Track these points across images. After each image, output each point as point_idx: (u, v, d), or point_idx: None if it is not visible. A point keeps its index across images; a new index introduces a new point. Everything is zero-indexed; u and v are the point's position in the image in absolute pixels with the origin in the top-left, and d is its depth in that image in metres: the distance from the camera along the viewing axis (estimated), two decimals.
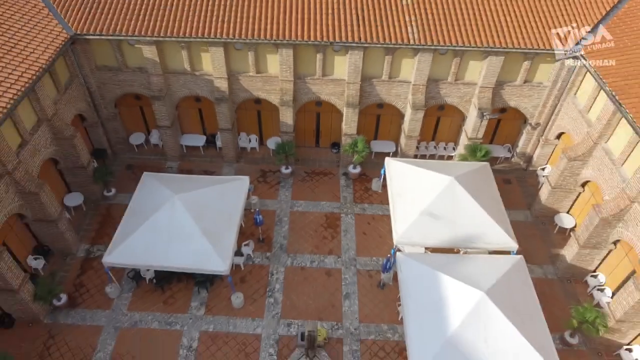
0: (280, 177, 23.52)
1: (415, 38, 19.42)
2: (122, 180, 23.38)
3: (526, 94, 21.50)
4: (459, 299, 15.22)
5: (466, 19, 19.85)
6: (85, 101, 22.28)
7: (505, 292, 15.55)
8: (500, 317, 14.63)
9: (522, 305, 15.76)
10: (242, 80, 21.73)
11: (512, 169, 24.18)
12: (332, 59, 20.90)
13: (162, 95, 21.75)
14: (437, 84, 21.35)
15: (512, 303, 15.38)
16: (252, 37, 19.44)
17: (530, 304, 15.99)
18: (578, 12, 20.18)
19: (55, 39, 19.42)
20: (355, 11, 19.97)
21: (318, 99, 22.26)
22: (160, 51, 20.79)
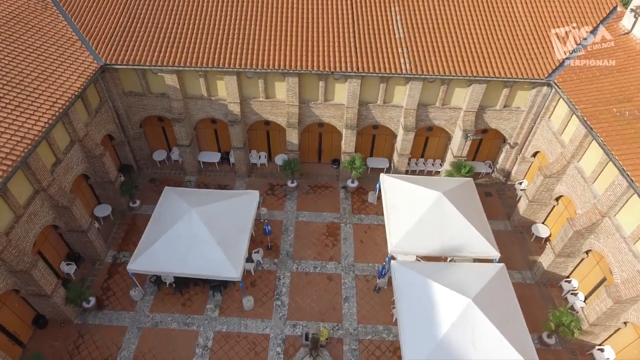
0: (286, 190, 22.98)
1: (407, 68, 18.96)
2: (146, 192, 22.86)
3: (505, 117, 21.01)
4: (448, 304, 14.67)
5: (452, 51, 19.42)
6: (113, 123, 21.80)
7: (490, 298, 15.00)
8: (486, 321, 14.09)
9: (505, 309, 15.19)
10: (253, 104, 21.26)
11: (493, 183, 23.65)
12: (333, 86, 20.43)
13: (182, 118, 21.28)
14: (426, 108, 20.87)
15: (495, 308, 14.82)
16: (262, 67, 18.99)
17: (512, 308, 15.42)
18: (550, 45, 19.76)
19: (86, 68, 18.97)
20: (353, 44, 19.53)
21: (320, 121, 21.78)
22: (180, 79, 20.34)
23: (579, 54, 19.26)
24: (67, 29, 20.38)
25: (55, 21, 20.57)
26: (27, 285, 15.46)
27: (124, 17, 20.49)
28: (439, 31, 20.09)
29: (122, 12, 20.67)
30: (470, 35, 19.97)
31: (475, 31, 20.12)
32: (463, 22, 20.39)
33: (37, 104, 16.48)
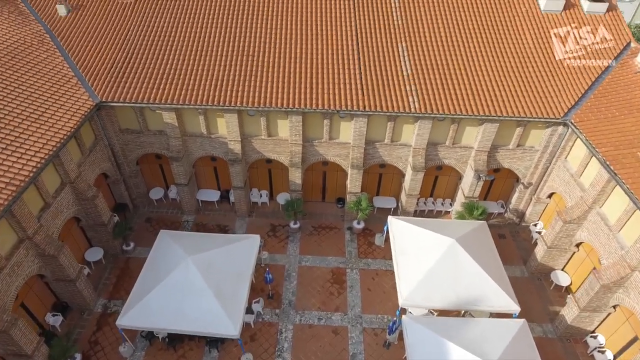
0: (289, 232, 21.80)
1: (416, 107, 18.09)
2: (141, 232, 21.71)
3: (519, 156, 20.03)
4: None
5: (462, 89, 18.60)
6: (109, 161, 20.84)
7: None
8: None
9: None
10: (254, 142, 20.34)
11: (506, 223, 22.47)
12: (338, 125, 19.55)
13: (180, 156, 20.32)
14: (436, 147, 19.92)
15: None
16: (264, 105, 18.15)
17: None
18: (565, 83, 18.96)
19: (81, 106, 18.13)
20: (359, 81, 18.74)
21: (325, 160, 20.81)
22: (179, 116, 19.50)
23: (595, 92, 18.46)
24: (63, 65, 19.68)
25: (51, 57, 19.91)
26: (6, 345, 14.14)
27: (123, 53, 19.82)
28: (448, 68, 19.34)
29: (121, 48, 20.02)
30: (480, 72, 19.21)
31: (486, 68, 19.37)
32: (473, 59, 19.67)
33: (27, 145, 15.56)
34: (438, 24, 20.91)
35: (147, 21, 21.04)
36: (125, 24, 21.00)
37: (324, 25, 20.64)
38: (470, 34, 20.62)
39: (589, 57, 19.89)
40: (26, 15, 21.74)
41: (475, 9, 21.51)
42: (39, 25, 21.33)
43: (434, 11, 21.37)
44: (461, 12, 21.36)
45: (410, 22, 20.96)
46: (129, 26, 20.90)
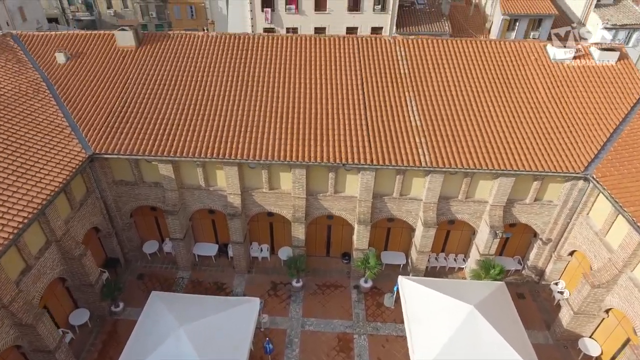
0: (291, 290, 20.25)
1: (426, 161, 17.09)
2: (132, 290, 20.18)
3: (536, 211, 18.83)
4: None
5: (475, 142, 17.67)
6: (100, 214, 19.65)
7: None
8: None
9: None
10: (255, 195, 19.22)
11: (524, 281, 20.94)
12: (344, 178, 18.49)
13: (176, 210, 19.14)
14: (448, 201, 18.77)
15: None
16: (266, 158, 17.17)
17: None
18: (582, 135, 18.06)
19: (73, 159, 17.17)
20: (366, 133, 17.86)
21: (330, 214, 19.60)
22: (175, 168, 18.49)
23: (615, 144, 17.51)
24: (57, 115, 18.93)
25: (45, 106, 19.20)
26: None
27: (120, 102, 19.11)
28: (459, 119, 18.52)
29: (118, 97, 19.34)
30: (493, 123, 18.36)
31: (498, 119, 18.55)
32: (484, 110, 18.90)
33: (10, 203, 14.44)
34: (446, 73, 20.32)
35: (146, 70, 20.50)
36: (124, 72, 20.45)
37: (328, 75, 20.05)
38: (479, 83, 19.98)
39: (604, 107, 19.12)
40: (24, 63, 21.27)
41: (483, 58, 21.02)
42: (36, 73, 20.81)
43: (441, 60, 20.86)
44: (468, 61, 20.84)
45: (416, 71, 20.38)
46: (128, 74, 20.33)
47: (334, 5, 32.25)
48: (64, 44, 22.15)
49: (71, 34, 22.83)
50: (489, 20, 36.24)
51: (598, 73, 20.57)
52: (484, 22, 36.85)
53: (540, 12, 33.85)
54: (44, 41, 22.49)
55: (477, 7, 38.50)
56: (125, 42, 21.75)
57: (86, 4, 55.62)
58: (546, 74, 20.53)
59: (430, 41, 21.68)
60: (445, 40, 21.89)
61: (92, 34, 22.80)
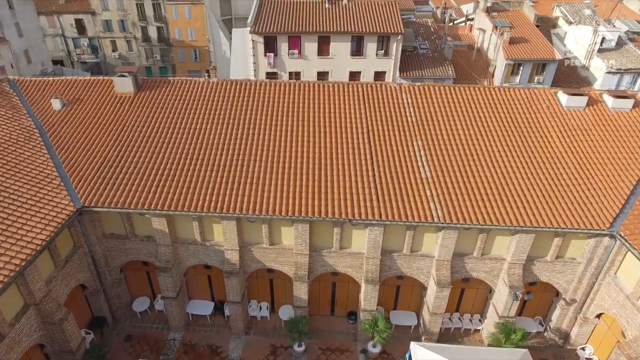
0: (292, 355, 18.45)
1: (438, 216, 15.87)
2: (118, 354, 18.42)
3: (559, 269, 17.40)
4: None
5: (490, 195, 16.52)
6: (88, 270, 18.24)
7: None
8: None
9: None
10: (254, 251, 17.88)
11: (547, 345, 19.14)
12: (350, 233, 17.22)
13: (169, 266, 17.74)
14: (462, 258, 17.40)
15: None
16: (267, 213, 15.97)
17: None
18: (603, 187, 16.93)
19: (60, 212, 15.99)
20: (373, 185, 16.75)
21: (334, 271, 18.17)
22: (170, 222, 17.27)
23: None
24: (47, 164, 17.94)
25: (36, 155, 18.25)
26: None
27: (114, 151, 18.18)
28: (471, 170, 17.48)
29: (113, 145, 18.43)
30: (507, 175, 17.29)
31: (513, 169, 17.51)
32: (498, 159, 17.90)
33: None
34: (455, 121, 19.49)
35: (143, 117, 19.72)
36: (120, 120, 19.65)
37: (332, 124, 19.23)
38: (490, 132, 19.10)
39: (624, 157, 18.12)
40: (18, 110, 20.53)
41: (493, 105, 20.28)
42: (29, 120, 20.02)
43: (449, 108, 20.10)
44: (477, 109, 20.08)
45: (424, 119, 19.57)
46: (125, 122, 19.53)
47: (337, 50, 32.12)
48: (61, 89, 21.53)
49: (69, 80, 22.27)
50: (492, 64, 36.09)
51: (613, 121, 19.74)
52: (487, 66, 36.70)
53: (543, 57, 33.69)
54: (40, 87, 21.88)
55: (479, 52, 38.51)
56: (123, 88, 21.12)
57: (92, 47, 56.33)
58: (559, 122, 19.70)
59: (437, 88, 21.03)
60: (452, 86, 21.24)
61: (90, 79, 22.24)
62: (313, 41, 31.74)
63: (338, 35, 31.42)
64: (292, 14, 32.30)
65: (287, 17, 32.06)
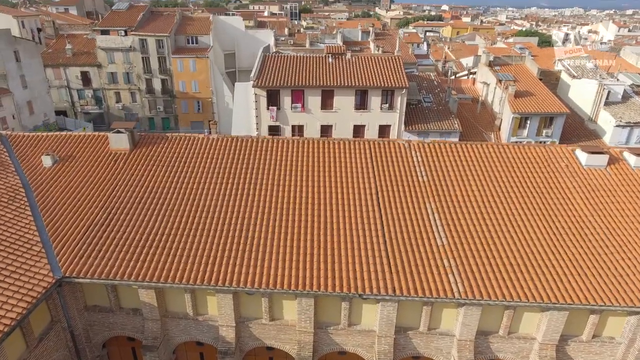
0: None
1: (459, 290, 14.15)
2: None
3: (596, 350, 15.41)
4: None
5: (515, 266, 14.89)
6: (66, 347, 16.22)
7: None
8: None
9: None
10: (252, 327, 15.96)
11: None
12: (360, 308, 15.42)
13: (157, 345, 15.78)
14: (486, 337, 15.44)
15: None
16: (267, 286, 14.30)
17: None
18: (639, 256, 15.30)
19: (37, 284, 14.33)
20: (385, 254, 15.16)
21: (342, 350, 16.15)
22: (159, 294, 15.54)
23: None
24: (30, 227, 16.49)
25: (19, 216, 16.85)
26: None
27: (102, 214, 16.79)
28: (490, 235, 15.98)
29: (101, 209, 17.07)
30: (531, 240, 15.79)
31: (537, 236, 16.02)
32: (519, 224, 16.46)
33: None
34: (469, 182, 18.21)
35: (137, 176, 18.49)
36: (112, 179, 18.40)
37: (339, 185, 17.96)
38: (508, 193, 17.78)
39: None
40: (6, 167, 19.36)
41: (508, 164, 19.11)
42: (16, 178, 18.78)
43: (462, 167, 18.90)
44: (492, 168, 18.90)
45: (436, 179, 18.31)
46: (116, 181, 18.27)
47: (341, 103, 31.60)
48: (54, 145, 20.48)
49: (63, 135, 21.28)
50: (498, 117, 35.51)
51: (639, 180, 18.44)
52: (493, 119, 36.12)
53: (550, 110, 33.10)
54: (33, 142, 20.86)
55: (484, 105, 38.10)
56: (118, 145, 20.07)
57: (96, 98, 56.60)
58: (580, 182, 18.41)
59: (448, 145, 19.95)
60: (464, 144, 20.17)
61: (85, 135, 21.24)
62: (316, 95, 31.28)
63: (342, 89, 31.00)
64: (296, 69, 32.09)
65: (291, 71, 31.82)
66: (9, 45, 44.78)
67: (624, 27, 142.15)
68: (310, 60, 32.93)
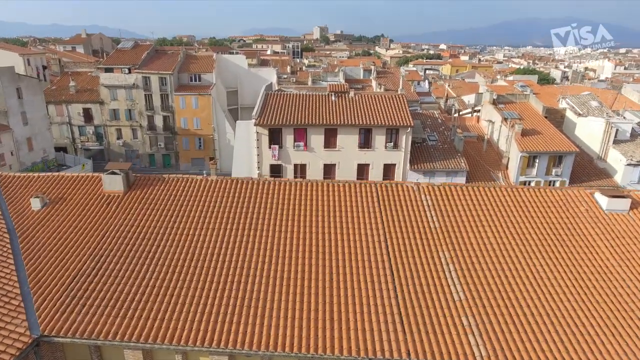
0: None
1: (482, 354, 12.64)
2: None
3: None
4: None
5: (542, 326, 13.43)
6: None
7: None
8: None
9: None
10: None
11: None
12: None
13: None
14: None
15: None
16: (267, 349, 12.81)
17: None
18: None
19: (11, 345, 12.90)
20: (397, 311, 13.74)
21: None
22: (147, 356, 13.99)
23: None
24: (10, 278, 15.25)
25: (0, 265, 15.52)
26: None
27: (89, 263, 15.52)
28: (512, 289, 14.62)
29: (90, 255, 15.87)
30: (558, 296, 14.40)
31: (562, 289, 14.66)
32: (542, 276, 15.14)
33: None
34: (484, 228, 17.00)
35: (129, 221, 17.33)
36: (103, 224, 17.23)
37: (344, 232, 16.73)
38: (527, 240, 16.55)
39: None
40: None
41: (525, 208, 17.98)
42: (1, 222, 17.64)
43: (476, 212, 17.75)
44: (509, 213, 17.74)
45: (449, 225, 17.11)
46: (107, 226, 17.10)
47: (344, 142, 30.86)
48: (45, 187, 19.45)
49: (55, 176, 20.28)
50: (505, 156, 34.69)
51: None
52: (500, 158, 35.30)
53: (559, 149, 32.30)
54: (23, 183, 19.84)
55: (489, 143, 37.40)
56: (112, 187, 19.02)
57: (97, 134, 56.35)
58: (603, 228, 17.19)
59: (460, 188, 18.89)
60: (476, 186, 19.10)
61: (78, 176, 20.23)
62: (319, 133, 30.61)
63: (345, 127, 30.36)
64: (298, 107, 31.59)
65: (293, 109, 31.31)
66: (12, 82, 44.86)
67: (619, 64, 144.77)
68: (313, 98, 32.51)
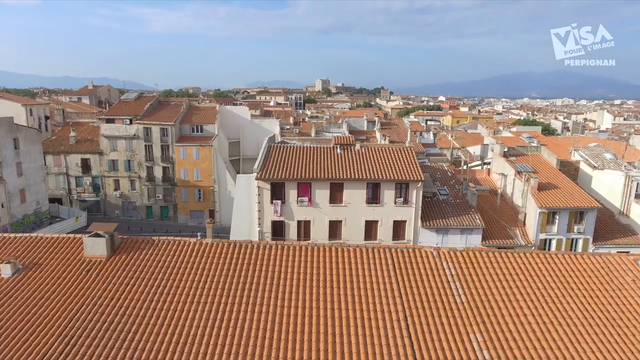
0: None
1: None
2: None
3: None
4: None
5: None
6: None
7: None
8: None
9: None
10: None
11: None
12: None
13: None
14: None
15: None
16: None
17: None
18: None
19: None
20: None
21: None
22: None
23: None
24: None
25: None
26: None
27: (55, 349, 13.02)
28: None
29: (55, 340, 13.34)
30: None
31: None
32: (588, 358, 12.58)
33: None
34: (520, 303, 14.68)
35: (110, 291, 15.06)
36: (78, 297, 14.93)
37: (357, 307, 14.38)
38: (570, 318, 14.23)
39: None
40: None
41: (562, 277, 15.83)
42: None
43: (506, 282, 15.54)
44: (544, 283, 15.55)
45: (477, 299, 14.81)
46: (83, 298, 14.81)
47: (351, 197, 29.00)
48: (20, 249, 17.40)
49: (32, 238, 18.28)
50: (522, 211, 32.68)
51: None
52: (516, 213, 33.26)
53: (580, 205, 30.35)
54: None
55: (503, 197, 35.52)
56: (94, 251, 16.95)
57: (94, 185, 54.86)
58: None
59: (486, 254, 16.76)
60: (504, 253, 16.97)
61: (58, 237, 18.25)
62: (325, 188, 28.85)
63: (352, 182, 28.64)
64: (302, 160, 30.09)
65: (297, 162, 29.78)
66: (9, 133, 44.02)
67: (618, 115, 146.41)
68: (318, 151, 31.11)
